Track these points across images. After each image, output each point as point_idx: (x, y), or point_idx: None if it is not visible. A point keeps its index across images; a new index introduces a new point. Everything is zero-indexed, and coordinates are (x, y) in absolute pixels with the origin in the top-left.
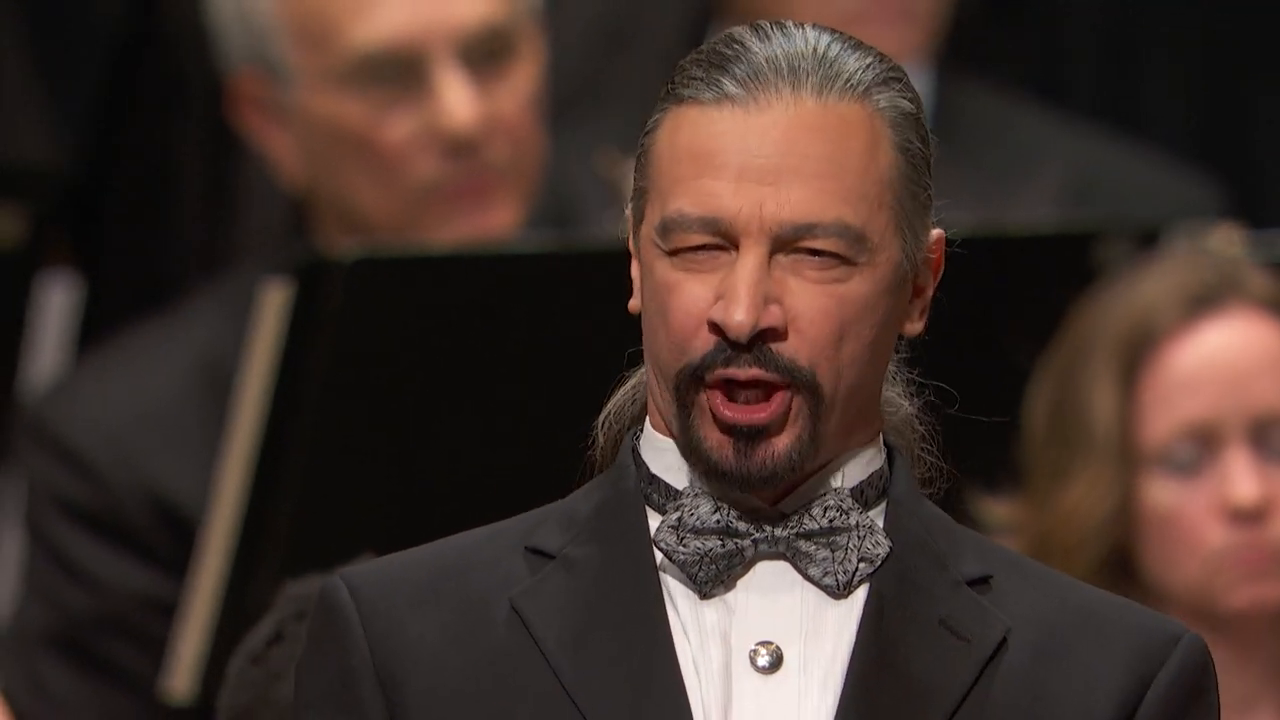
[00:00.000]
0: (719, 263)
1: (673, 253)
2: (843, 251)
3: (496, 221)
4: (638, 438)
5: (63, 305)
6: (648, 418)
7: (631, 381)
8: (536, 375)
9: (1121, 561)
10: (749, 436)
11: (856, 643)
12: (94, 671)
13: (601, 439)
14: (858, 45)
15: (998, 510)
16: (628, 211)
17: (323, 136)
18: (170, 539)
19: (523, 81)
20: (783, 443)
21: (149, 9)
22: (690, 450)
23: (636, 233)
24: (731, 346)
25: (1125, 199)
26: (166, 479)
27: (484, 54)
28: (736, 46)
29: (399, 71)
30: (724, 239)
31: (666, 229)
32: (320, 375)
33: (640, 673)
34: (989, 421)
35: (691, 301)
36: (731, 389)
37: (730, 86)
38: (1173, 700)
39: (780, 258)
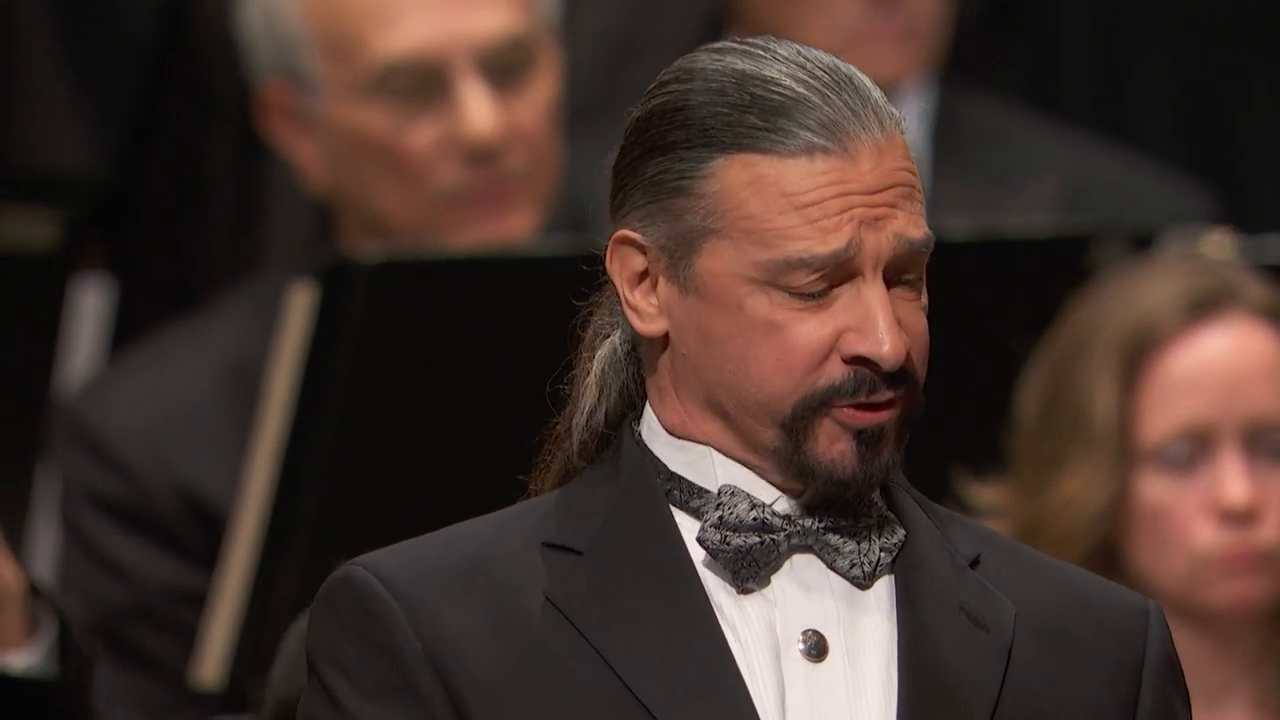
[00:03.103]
0: (830, 298)
1: (783, 290)
2: (923, 268)
3: (514, 227)
4: (637, 434)
5: (97, 307)
6: (652, 417)
7: (594, 381)
8: (553, 374)
9: (1108, 553)
10: (870, 440)
11: (900, 635)
12: (127, 660)
13: (586, 435)
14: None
15: (985, 494)
16: (634, 234)
17: (348, 144)
18: (199, 532)
19: (541, 92)
20: (886, 450)
21: (181, 22)
22: (799, 466)
23: (677, 266)
24: (882, 377)
25: (1119, 205)
26: (196, 475)
27: (504, 65)
28: (775, 89)
29: (422, 82)
30: (841, 277)
31: (788, 268)
32: (344, 374)
33: (694, 660)
34: (979, 410)
35: (813, 338)
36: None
37: (812, 137)
38: (1160, 675)
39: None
